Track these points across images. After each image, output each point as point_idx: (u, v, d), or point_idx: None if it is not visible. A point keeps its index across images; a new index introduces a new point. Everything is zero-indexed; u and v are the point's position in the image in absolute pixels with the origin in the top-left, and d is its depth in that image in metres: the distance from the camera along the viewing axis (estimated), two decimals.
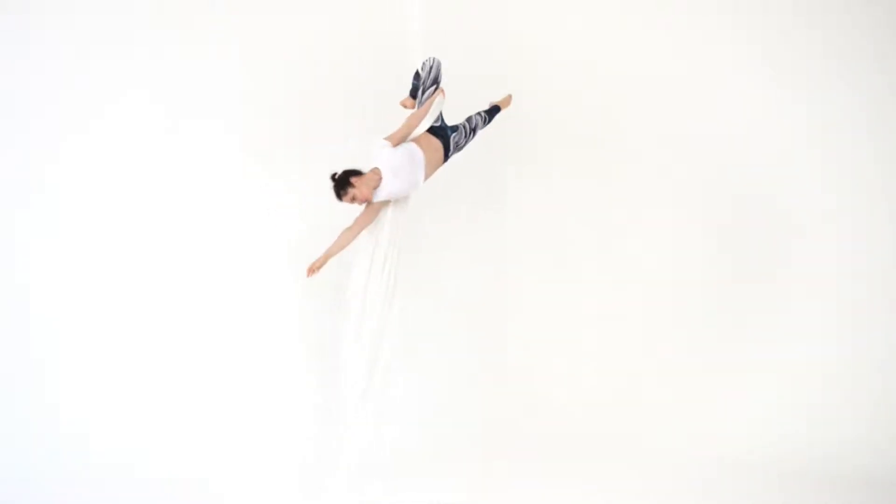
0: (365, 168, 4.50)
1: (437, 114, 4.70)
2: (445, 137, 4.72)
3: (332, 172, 4.46)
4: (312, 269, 4.60)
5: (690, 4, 6.00)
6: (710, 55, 5.97)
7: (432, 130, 4.70)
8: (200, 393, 5.28)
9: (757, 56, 5.87)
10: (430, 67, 4.63)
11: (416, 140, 4.64)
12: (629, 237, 6.17)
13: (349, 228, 4.63)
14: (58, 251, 5.11)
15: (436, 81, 4.66)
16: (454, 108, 5.70)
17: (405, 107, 4.97)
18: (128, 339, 5.21)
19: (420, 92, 4.70)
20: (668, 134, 6.06)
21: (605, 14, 6.14)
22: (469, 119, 4.89)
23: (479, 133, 4.93)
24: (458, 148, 4.82)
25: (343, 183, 4.42)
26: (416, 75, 4.80)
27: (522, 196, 6.42)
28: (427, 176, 4.66)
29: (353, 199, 4.45)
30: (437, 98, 4.66)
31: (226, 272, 5.50)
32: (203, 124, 5.45)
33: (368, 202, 4.51)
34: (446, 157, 4.76)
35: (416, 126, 4.64)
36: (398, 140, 4.56)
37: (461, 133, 4.80)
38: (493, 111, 5.05)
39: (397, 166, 4.49)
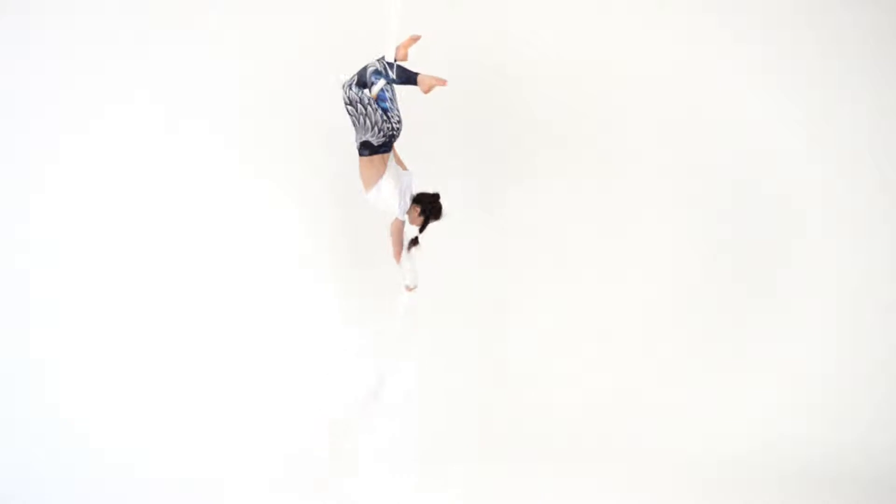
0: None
1: None
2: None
3: (437, 193, 4.59)
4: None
5: (690, 4, 5.99)
6: (710, 55, 5.96)
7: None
8: (200, 393, 5.29)
9: (757, 56, 5.87)
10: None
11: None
12: (629, 237, 6.16)
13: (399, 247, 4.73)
14: (58, 251, 5.12)
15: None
16: (455, 108, 5.72)
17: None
18: (127, 339, 5.22)
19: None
20: (667, 134, 6.05)
21: (604, 13, 6.13)
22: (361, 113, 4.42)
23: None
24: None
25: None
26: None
27: (521, 196, 6.40)
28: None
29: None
30: None
31: (224, 272, 5.51)
32: (203, 125, 5.46)
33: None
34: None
35: None
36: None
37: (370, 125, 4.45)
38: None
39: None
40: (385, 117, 4.36)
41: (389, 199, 4.52)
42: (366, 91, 4.38)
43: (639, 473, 5.24)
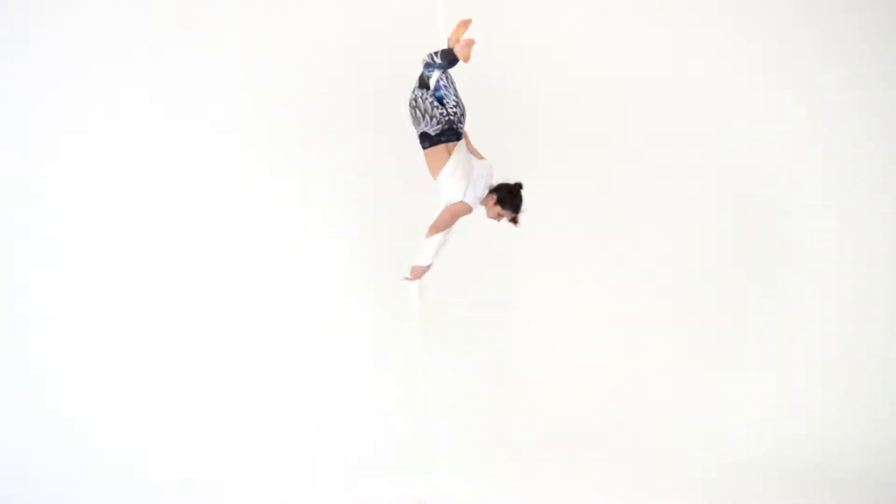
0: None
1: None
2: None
3: (518, 184, 4.60)
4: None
5: (690, 4, 5.99)
6: (711, 55, 5.96)
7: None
8: (200, 393, 5.29)
9: (757, 56, 5.87)
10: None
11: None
12: (629, 237, 6.16)
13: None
14: (58, 250, 5.12)
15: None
16: None
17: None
18: (127, 339, 5.22)
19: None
20: (668, 134, 6.06)
21: (605, 14, 6.13)
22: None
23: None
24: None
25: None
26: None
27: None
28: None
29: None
30: None
31: (224, 271, 5.51)
32: (203, 124, 5.46)
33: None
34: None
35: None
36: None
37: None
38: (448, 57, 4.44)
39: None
40: (439, 104, 4.35)
41: (455, 185, 4.39)
42: (423, 89, 4.37)
43: (639, 473, 5.24)
